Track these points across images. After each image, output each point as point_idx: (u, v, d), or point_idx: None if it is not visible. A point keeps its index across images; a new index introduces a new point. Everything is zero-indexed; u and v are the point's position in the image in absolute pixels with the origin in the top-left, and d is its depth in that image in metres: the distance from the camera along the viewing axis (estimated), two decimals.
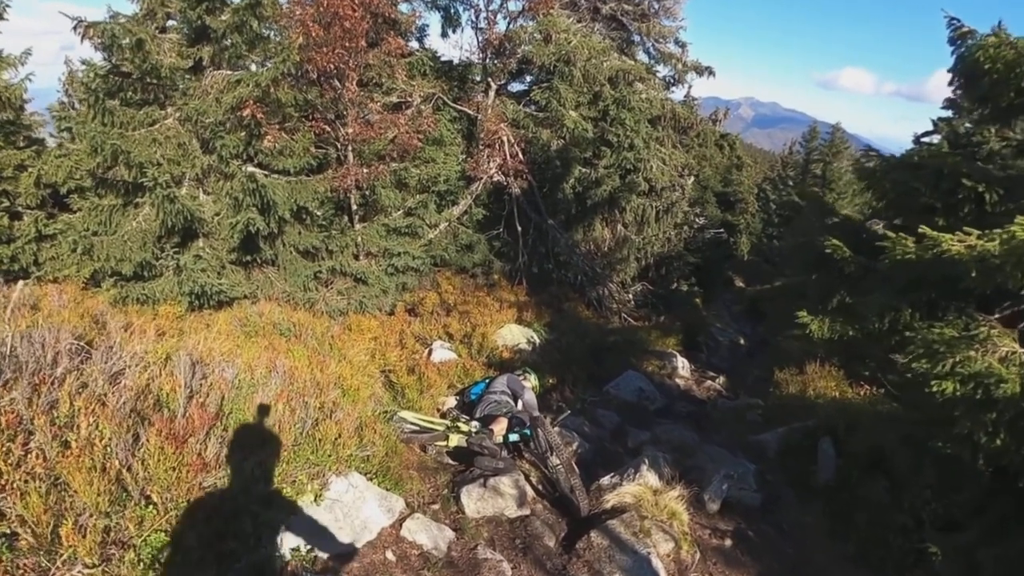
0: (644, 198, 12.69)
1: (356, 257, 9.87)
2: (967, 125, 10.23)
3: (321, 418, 3.95)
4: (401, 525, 4.07)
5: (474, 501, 4.69)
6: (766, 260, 27.44)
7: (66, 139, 12.40)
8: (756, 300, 20.49)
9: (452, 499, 4.80)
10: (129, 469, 3.10)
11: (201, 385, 3.90)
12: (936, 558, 4.31)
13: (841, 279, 5.59)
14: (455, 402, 6.75)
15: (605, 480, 5.41)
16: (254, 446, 3.53)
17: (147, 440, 3.13)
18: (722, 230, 22.58)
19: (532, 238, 12.50)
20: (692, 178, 15.30)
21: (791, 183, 27.81)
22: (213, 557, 3.13)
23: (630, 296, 13.17)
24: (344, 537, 3.66)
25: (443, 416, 6.28)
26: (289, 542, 3.40)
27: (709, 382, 9.69)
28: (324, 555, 3.55)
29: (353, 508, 3.77)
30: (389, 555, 3.82)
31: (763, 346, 14.70)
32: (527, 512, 4.82)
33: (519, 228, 12.15)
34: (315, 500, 3.57)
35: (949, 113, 11.09)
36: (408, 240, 10.14)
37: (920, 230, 3.73)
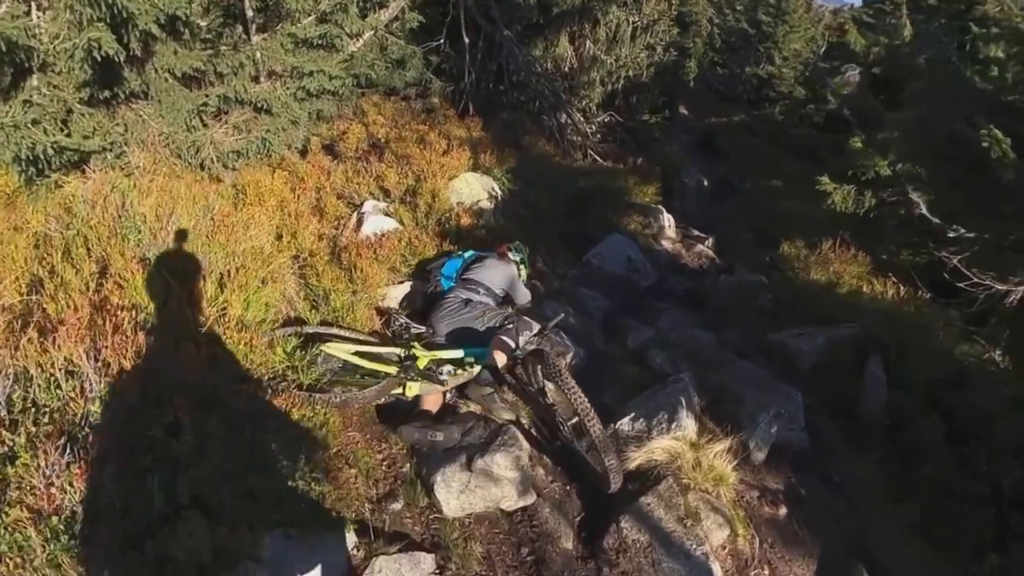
0: (622, 10, 10.11)
1: (255, 80, 7.13)
2: None
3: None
4: None
5: (456, 495, 3.09)
6: (709, 88, 25.71)
7: None
8: (711, 134, 18.91)
9: (419, 485, 3.18)
10: None
11: None
12: None
13: (977, 173, 3.88)
14: (407, 291, 4.84)
15: (625, 425, 3.93)
16: None
17: None
18: (677, 54, 20.28)
19: (481, 52, 9.86)
20: None
21: (739, 8, 25.32)
22: None
23: (594, 127, 11.11)
24: None
25: (388, 324, 4.41)
26: None
27: (699, 246, 8.20)
28: None
29: None
30: None
31: (728, 189, 13.43)
32: (531, 500, 3.30)
33: (466, 40, 9.46)
34: None
35: None
36: (322, 55, 7.36)
37: None
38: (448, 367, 3.52)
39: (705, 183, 13.85)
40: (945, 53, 5.69)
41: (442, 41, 9.76)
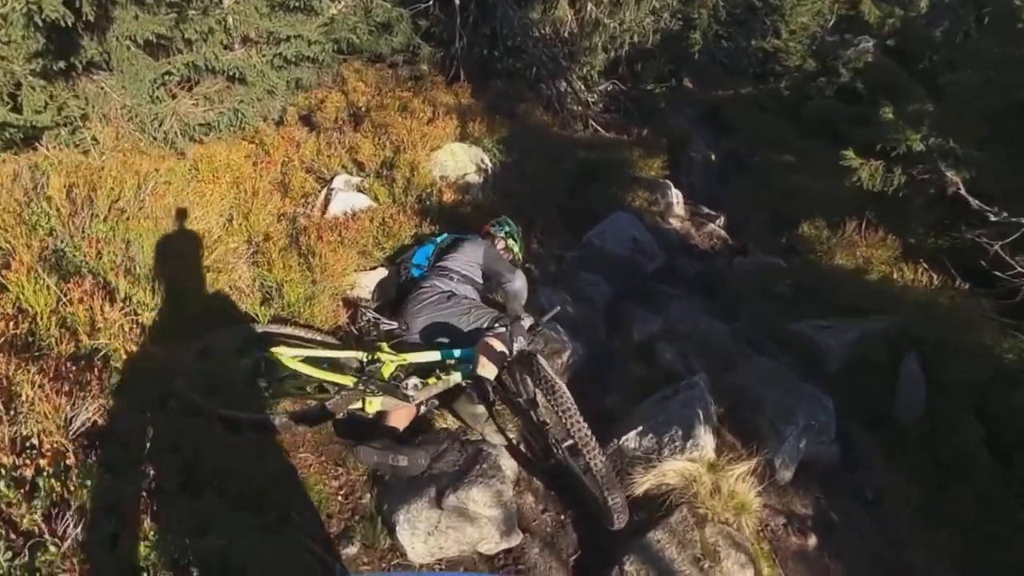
0: None
1: (228, 47, 6.48)
2: None
3: None
4: None
5: (423, 537, 2.53)
6: (713, 60, 24.86)
7: None
8: (717, 107, 18.09)
9: (380, 523, 2.63)
10: None
11: None
12: None
13: None
14: (380, 280, 4.26)
15: (631, 440, 3.36)
16: None
17: None
18: (683, 24, 19.52)
19: (474, 15, 9.13)
20: None
21: None
22: None
23: (596, 96, 10.41)
24: None
25: (353, 320, 3.79)
26: None
27: (710, 225, 7.55)
28: None
29: None
30: None
31: (736, 164, 12.72)
32: (516, 540, 2.74)
33: (457, 1, 8.73)
34: None
35: None
36: (300, 19, 6.67)
37: None
38: (415, 380, 2.90)
39: (713, 157, 13.15)
40: (1010, 10, 4.97)
41: (431, 3, 9.02)
